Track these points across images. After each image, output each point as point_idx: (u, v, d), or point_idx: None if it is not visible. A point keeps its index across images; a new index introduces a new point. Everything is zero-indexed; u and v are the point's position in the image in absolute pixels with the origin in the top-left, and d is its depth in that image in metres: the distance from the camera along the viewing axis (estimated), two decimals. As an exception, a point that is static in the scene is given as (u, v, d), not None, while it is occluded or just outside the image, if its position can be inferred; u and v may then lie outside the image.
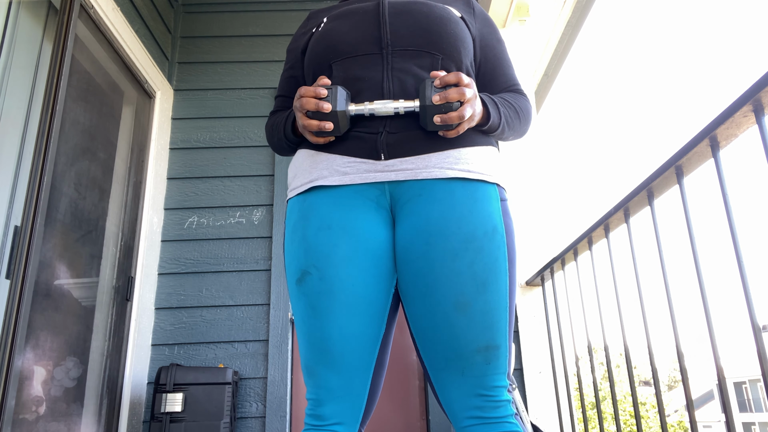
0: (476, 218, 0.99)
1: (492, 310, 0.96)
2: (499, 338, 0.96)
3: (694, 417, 1.38)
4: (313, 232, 1.01)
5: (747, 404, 28.58)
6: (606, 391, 17.19)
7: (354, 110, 1.01)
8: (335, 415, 0.98)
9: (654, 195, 1.51)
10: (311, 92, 1.00)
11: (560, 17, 3.18)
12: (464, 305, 0.95)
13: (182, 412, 2.16)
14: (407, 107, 1.00)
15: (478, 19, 1.20)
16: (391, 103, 1.00)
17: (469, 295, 0.95)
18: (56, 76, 1.86)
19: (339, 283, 0.98)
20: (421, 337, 1.00)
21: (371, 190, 1.03)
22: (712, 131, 1.19)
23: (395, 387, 2.65)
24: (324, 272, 0.99)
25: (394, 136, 1.02)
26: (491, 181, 1.04)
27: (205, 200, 2.73)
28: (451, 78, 0.97)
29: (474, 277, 0.96)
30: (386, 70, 1.05)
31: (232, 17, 3.08)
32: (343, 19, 1.12)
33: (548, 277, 2.40)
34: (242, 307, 2.58)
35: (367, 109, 1.01)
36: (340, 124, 1.00)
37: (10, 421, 1.58)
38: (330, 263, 0.99)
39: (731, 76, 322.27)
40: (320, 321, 0.98)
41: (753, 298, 1.14)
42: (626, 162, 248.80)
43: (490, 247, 0.98)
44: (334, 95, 0.99)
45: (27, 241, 1.67)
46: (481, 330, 0.95)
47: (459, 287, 0.96)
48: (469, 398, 0.95)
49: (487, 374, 0.95)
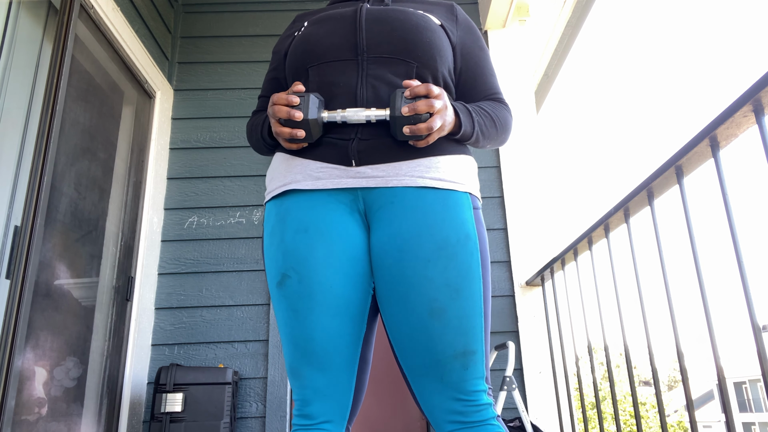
0: (449, 226, 1.00)
1: (467, 315, 0.97)
2: (475, 343, 0.97)
3: (694, 417, 1.38)
4: (291, 236, 1.03)
5: (747, 404, 28.57)
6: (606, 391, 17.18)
7: (326, 117, 1.02)
8: (323, 414, 0.99)
9: (654, 195, 1.51)
10: (283, 100, 1.01)
11: (560, 17, 3.18)
12: (439, 311, 0.96)
13: (182, 412, 2.16)
14: (378, 116, 1.01)
15: (461, 27, 1.19)
16: (362, 111, 1.01)
17: (443, 301, 0.97)
18: (56, 76, 1.86)
19: (317, 285, 1.00)
20: (398, 344, 1.01)
21: (345, 194, 1.04)
22: (712, 131, 1.19)
23: (395, 387, 2.65)
24: (302, 275, 1.01)
25: (366, 143, 1.03)
26: (463, 189, 1.05)
27: (205, 200, 2.73)
28: (421, 89, 0.98)
29: (447, 283, 0.97)
30: (361, 77, 1.06)
31: (232, 17, 3.08)
32: (322, 24, 1.13)
33: (548, 277, 2.40)
34: (242, 307, 2.58)
35: (339, 116, 1.02)
36: (312, 131, 1.01)
37: (10, 421, 1.58)
38: (308, 266, 1.01)
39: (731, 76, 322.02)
40: (302, 322, 0.99)
41: (753, 298, 1.15)
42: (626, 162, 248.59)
43: (463, 254, 0.99)
44: (306, 103, 1.00)
45: (27, 241, 1.67)
46: (456, 336, 0.96)
47: (432, 293, 0.97)
48: (450, 403, 0.97)
49: (465, 379, 0.96)
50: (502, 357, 2.54)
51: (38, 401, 1.78)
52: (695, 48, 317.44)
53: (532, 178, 2.76)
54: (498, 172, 2.80)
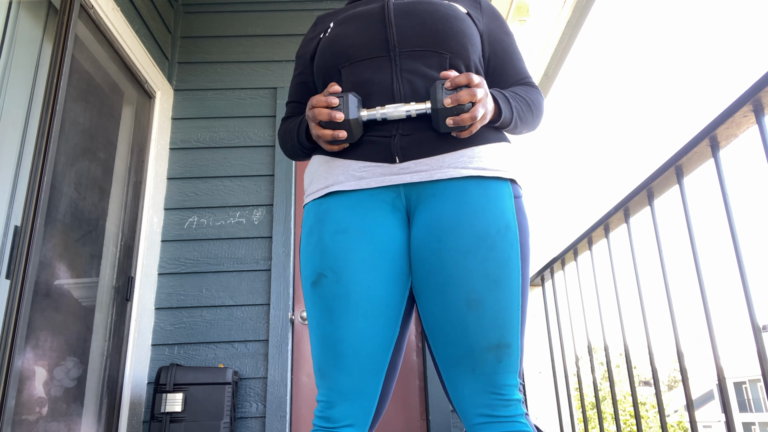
0: (489, 216, 0.99)
1: (504, 308, 0.96)
2: (510, 336, 0.96)
3: (694, 417, 1.38)
4: (330, 236, 1.02)
5: (747, 404, 28.57)
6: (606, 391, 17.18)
7: (366, 116, 1.01)
8: (346, 418, 0.98)
9: (654, 195, 1.51)
10: (323, 102, 1.00)
11: (560, 17, 3.19)
12: (476, 302, 0.95)
13: (182, 412, 2.16)
14: (419, 110, 1.00)
15: (485, 14, 1.19)
16: (402, 106, 1.00)
17: (481, 293, 0.96)
18: (56, 76, 1.86)
19: (355, 286, 0.99)
20: (433, 335, 1.00)
21: (387, 193, 1.03)
22: (712, 131, 1.19)
23: (395, 387, 2.65)
24: (340, 275, 1.00)
25: (408, 138, 1.02)
26: (505, 177, 1.04)
27: (205, 200, 2.73)
28: (462, 79, 0.97)
29: (486, 274, 0.96)
30: (395, 72, 1.05)
31: (232, 17, 3.08)
32: (349, 23, 1.12)
33: (548, 277, 2.40)
34: (242, 307, 2.58)
35: (378, 113, 1.01)
36: (353, 131, 1.01)
37: (10, 421, 1.58)
38: (346, 267, 1.00)
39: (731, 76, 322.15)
40: (335, 324, 0.98)
41: (753, 298, 1.14)
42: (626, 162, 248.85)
43: (502, 245, 0.98)
44: (346, 103, 0.99)
45: (27, 241, 1.67)
46: (492, 328, 0.95)
47: (471, 285, 0.96)
48: (480, 396, 0.95)
49: (498, 372, 0.95)
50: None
51: (38, 401, 1.78)
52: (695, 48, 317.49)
53: (533, 178, 2.76)
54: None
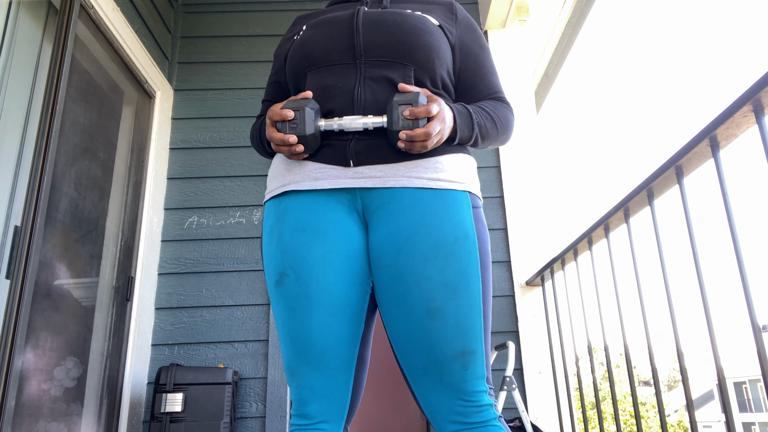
0: (446, 224, 1.00)
1: (465, 315, 0.96)
2: (474, 343, 0.97)
3: (694, 417, 1.38)
4: (289, 235, 1.03)
5: (747, 404, 28.57)
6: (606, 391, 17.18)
7: (323, 126, 1.03)
8: (320, 414, 0.99)
9: (654, 195, 1.51)
10: (277, 116, 1.02)
11: (560, 17, 3.18)
12: (437, 311, 0.96)
13: (182, 412, 2.16)
14: (375, 123, 1.01)
15: (460, 26, 1.18)
16: (359, 119, 1.01)
17: (441, 301, 0.96)
18: (56, 76, 1.86)
19: (315, 284, 1.00)
20: (397, 344, 1.01)
21: (343, 194, 1.04)
22: (712, 131, 1.19)
23: (395, 387, 2.65)
24: (300, 273, 1.01)
25: (363, 143, 1.03)
26: (462, 189, 1.04)
27: (205, 200, 2.73)
28: (421, 112, 0.97)
29: (445, 283, 0.97)
30: (359, 79, 1.06)
31: (232, 17, 3.08)
32: (319, 28, 1.14)
33: (548, 277, 2.40)
34: (242, 307, 2.58)
35: (336, 124, 1.02)
36: (310, 144, 1.03)
37: (10, 421, 1.58)
38: (305, 265, 1.01)
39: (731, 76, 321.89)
40: (300, 322, 1.00)
41: (753, 298, 1.15)
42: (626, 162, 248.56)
43: (460, 253, 0.98)
44: (303, 118, 1.01)
45: (27, 241, 1.67)
46: (455, 336, 0.96)
47: (430, 293, 0.97)
48: (450, 404, 0.96)
49: (465, 380, 0.96)
50: (502, 357, 2.54)
51: (38, 401, 1.78)
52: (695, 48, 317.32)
53: (532, 178, 2.76)
54: (498, 172, 2.80)
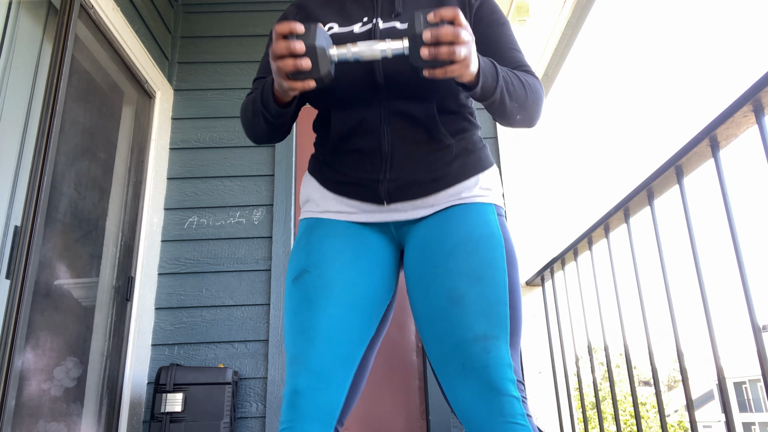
0: (472, 224, 1.02)
1: (487, 301, 0.96)
2: (497, 329, 0.94)
3: (694, 417, 1.38)
4: (318, 239, 1.06)
5: (747, 404, 28.57)
6: (606, 391, 17.16)
7: (336, 54, 0.91)
8: (311, 408, 0.95)
9: (654, 195, 1.51)
10: (286, 30, 0.87)
11: (560, 17, 3.18)
12: (458, 298, 0.96)
13: (182, 412, 2.16)
14: (395, 49, 0.90)
15: (476, 10, 1.12)
16: (377, 44, 0.90)
17: (463, 289, 0.97)
18: (56, 76, 1.86)
19: (336, 280, 1.02)
20: (424, 336, 1.01)
21: (379, 224, 1.10)
22: (712, 131, 1.19)
23: (395, 387, 2.65)
24: (324, 271, 1.02)
25: (395, 183, 1.05)
26: (487, 201, 1.07)
27: (205, 200, 2.73)
28: (448, 13, 0.84)
29: (468, 273, 0.98)
30: (382, 117, 1.05)
31: (232, 17, 3.08)
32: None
33: (548, 277, 2.40)
34: (242, 307, 2.58)
35: (350, 52, 0.91)
36: (320, 65, 0.88)
37: (10, 421, 1.58)
38: (333, 264, 1.03)
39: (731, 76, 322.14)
40: (313, 311, 1.00)
41: (753, 298, 1.14)
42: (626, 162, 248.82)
43: (486, 247, 1.00)
44: (315, 59, 0.88)
45: (27, 241, 1.67)
46: (476, 320, 0.94)
47: (453, 283, 0.98)
48: (476, 395, 0.92)
49: (488, 365, 0.91)
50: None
51: (38, 401, 1.78)
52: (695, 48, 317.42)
53: (532, 177, 2.76)
54: (498, 172, 2.80)
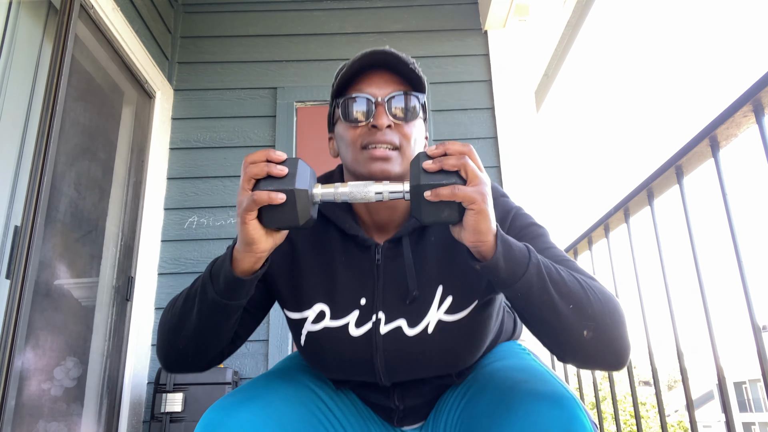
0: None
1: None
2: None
3: (694, 417, 1.38)
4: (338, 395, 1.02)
5: (747, 404, 28.57)
6: (606, 391, 17.14)
7: (321, 194, 0.74)
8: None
9: (654, 195, 1.51)
10: (262, 156, 0.72)
11: (560, 17, 3.18)
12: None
13: (182, 412, 2.16)
14: (393, 191, 0.74)
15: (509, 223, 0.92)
16: (372, 185, 0.74)
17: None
18: (56, 76, 1.86)
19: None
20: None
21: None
22: (712, 131, 1.19)
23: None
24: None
25: (409, 412, 1.01)
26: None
27: (205, 200, 2.73)
28: (455, 148, 0.71)
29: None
30: (391, 395, 1.00)
31: (232, 17, 3.08)
32: (322, 339, 0.90)
33: (548, 277, 2.39)
34: (242, 307, 2.58)
35: (339, 192, 0.73)
36: (298, 206, 0.70)
37: (10, 421, 1.58)
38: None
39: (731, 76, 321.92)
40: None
41: (753, 298, 1.14)
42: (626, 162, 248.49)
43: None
44: (294, 165, 0.72)
45: (27, 241, 1.67)
46: None
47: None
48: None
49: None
50: (502, 357, 2.54)
51: (38, 401, 1.78)
52: (695, 48, 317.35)
53: (532, 177, 2.76)
54: (498, 172, 2.80)
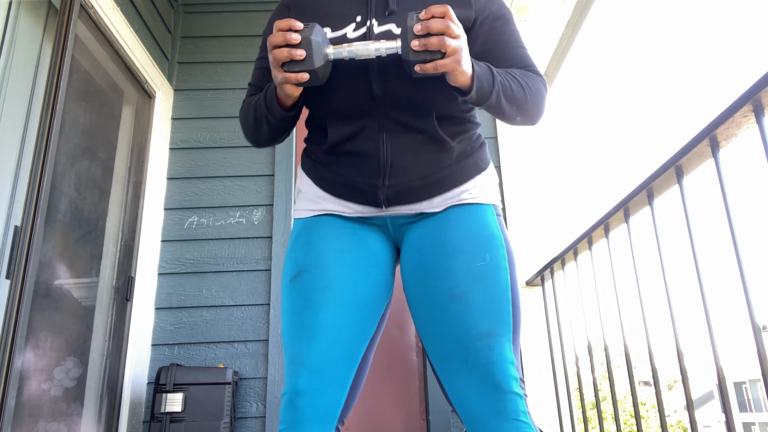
0: (472, 225, 1.02)
1: (491, 298, 0.95)
2: (500, 326, 0.94)
3: (694, 417, 1.38)
4: (317, 239, 1.05)
5: (747, 404, 28.57)
6: (606, 391, 17.14)
7: (332, 53, 0.95)
8: (312, 408, 0.93)
9: (654, 195, 1.51)
10: (285, 25, 0.91)
11: (560, 17, 3.18)
12: (460, 296, 0.96)
13: (182, 412, 2.16)
14: (389, 48, 0.93)
15: (478, 8, 1.08)
16: (371, 44, 0.93)
17: (465, 287, 0.96)
18: (56, 76, 1.86)
19: (338, 279, 1.01)
20: (424, 334, 1.01)
21: (376, 219, 1.08)
22: (712, 131, 1.19)
23: (395, 387, 2.65)
24: (324, 270, 1.01)
25: (393, 189, 1.04)
26: (486, 202, 1.07)
27: (205, 200, 2.73)
28: (438, 9, 0.86)
29: (470, 271, 0.97)
30: (381, 129, 1.03)
31: (232, 17, 3.08)
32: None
33: (548, 277, 2.39)
34: (242, 307, 2.58)
35: (345, 51, 0.94)
36: (320, 76, 0.93)
37: (10, 421, 1.58)
38: (330, 262, 1.02)
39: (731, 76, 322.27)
40: (314, 311, 0.98)
41: (753, 298, 1.14)
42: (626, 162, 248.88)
43: (486, 247, 1.00)
44: (310, 52, 0.92)
45: (27, 241, 1.67)
46: (479, 316, 0.94)
47: (455, 281, 0.97)
48: (478, 391, 0.91)
49: (492, 362, 0.91)
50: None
51: (38, 401, 1.78)
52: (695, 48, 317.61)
53: (532, 177, 2.76)
54: (498, 172, 2.80)
